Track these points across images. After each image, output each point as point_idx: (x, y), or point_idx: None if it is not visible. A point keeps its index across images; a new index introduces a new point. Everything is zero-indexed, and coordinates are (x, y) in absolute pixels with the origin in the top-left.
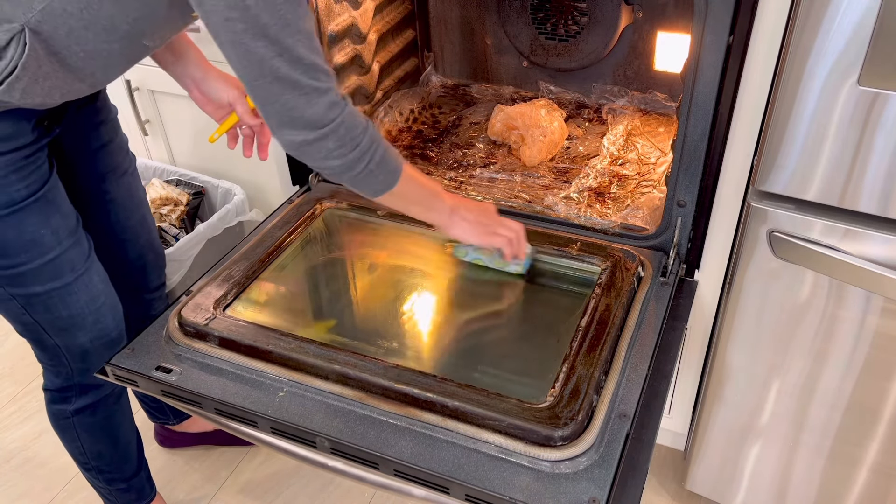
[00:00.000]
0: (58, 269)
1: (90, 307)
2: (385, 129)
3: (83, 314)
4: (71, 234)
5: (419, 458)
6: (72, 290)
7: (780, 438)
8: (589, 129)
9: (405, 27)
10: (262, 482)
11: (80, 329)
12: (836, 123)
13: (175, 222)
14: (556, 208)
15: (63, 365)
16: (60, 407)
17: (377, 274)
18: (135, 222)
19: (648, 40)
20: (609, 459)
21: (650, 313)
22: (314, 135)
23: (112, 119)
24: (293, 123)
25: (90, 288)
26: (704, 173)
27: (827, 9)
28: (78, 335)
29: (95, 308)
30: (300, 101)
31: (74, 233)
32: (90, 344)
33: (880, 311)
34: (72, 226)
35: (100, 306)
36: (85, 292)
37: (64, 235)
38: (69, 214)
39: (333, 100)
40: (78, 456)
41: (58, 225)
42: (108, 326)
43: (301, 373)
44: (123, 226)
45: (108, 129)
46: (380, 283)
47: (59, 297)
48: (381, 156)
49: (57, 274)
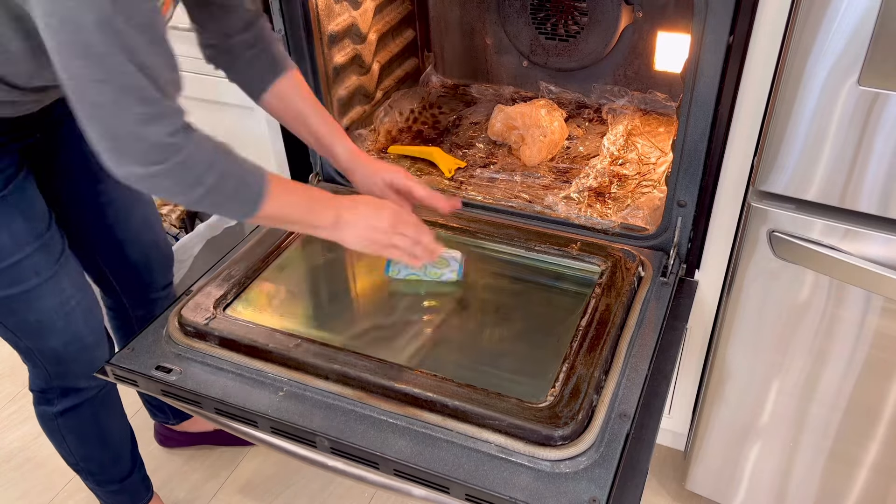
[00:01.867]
0: (18, 275)
1: (59, 311)
2: (385, 129)
3: (51, 318)
4: (36, 239)
5: (419, 458)
6: (38, 295)
7: (780, 438)
8: (589, 129)
9: (405, 27)
10: (262, 482)
11: (51, 333)
12: (836, 123)
13: (175, 222)
14: (556, 208)
15: (39, 367)
16: (45, 408)
17: (377, 273)
18: (136, 222)
19: (648, 40)
20: (609, 459)
21: (650, 313)
22: (145, 171)
23: None
24: (122, 155)
25: (58, 293)
26: (704, 173)
27: (827, 9)
28: (48, 339)
29: (65, 313)
30: (127, 135)
31: (40, 237)
32: (63, 348)
33: (880, 311)
34: (38, 230)
35: (69, 311)
36: (52, 297)
37: (27, 240)
38: (36, 218)
39: (169, 142)
40: (66, 457)
41: (19, 229)
42: (81, 331)
43: (301, 373)
44: (124, 226)
45: None
46: (380, 282)
47: (25, 302)
48: (232, 189)
49: (18, 279)
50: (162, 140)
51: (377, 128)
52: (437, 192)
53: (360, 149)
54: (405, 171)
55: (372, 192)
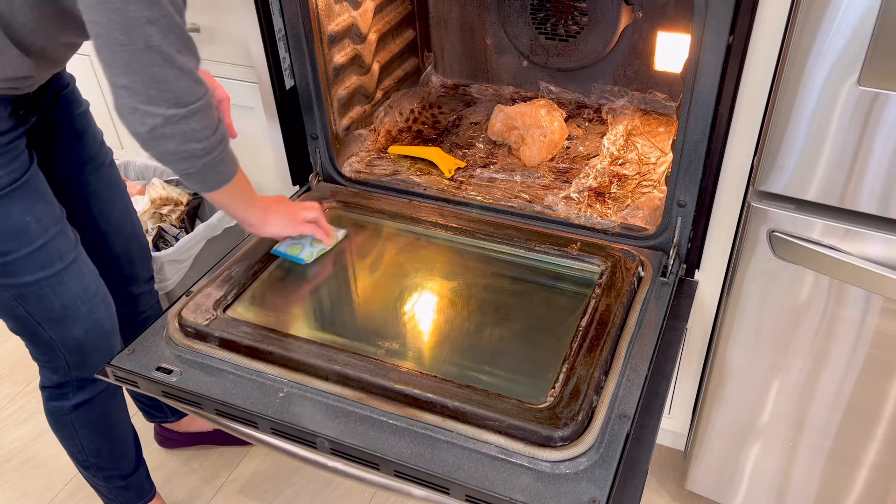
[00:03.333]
0: (46, 258)
1: (83, 297)
2: (385, 129)
3: (76, 304)
4: (56, 223)
5: (419, 459)
6: (62, 280)
7: (780, 438)
8: (589, 129)
9: (405, 27)
10: (262, 482)
11: (75, 320)
12: (836, 123)
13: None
14: (556, 208)
15: (59, 359)
16: (58, 404)
17: (377, 274)
18: (118, 214)
19: (648, 40)
20: (609, 460)
21: (650, 313)
22: (183, 111)
23: (84, 111)
24: (159, 99)
25: (80, 278)
26: (704, 173)
27: (827, 9)
28: (73, 327)
29: (88, 298)
30: (170, 73)
31: (59, 221)
32: (85, 336)
33: (880, 311)
34: (56, 214)
35: (92, 296)
36: (76, 282)
37: (49, 223)
38: (53, 203)
39: (198, 77)
40: (76, 454)
41: (42, 213)
42: (102, 317)
43: (301, 373)
44: (107, 218)
45: (81, 120)
46: (380, 283)
47: (51, 287)
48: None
49: (45, 263)
50: (196, 76)
51: (377, 128)
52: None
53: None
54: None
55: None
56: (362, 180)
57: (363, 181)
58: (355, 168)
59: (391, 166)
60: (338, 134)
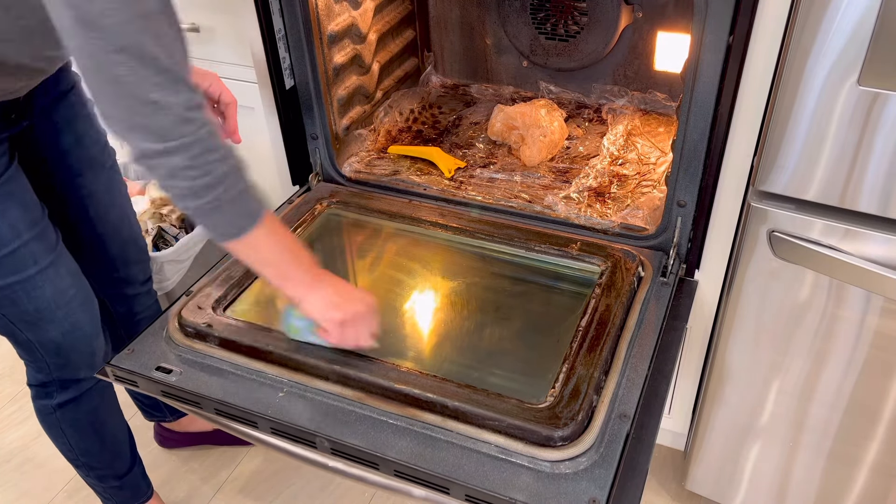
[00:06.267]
0: (18, 262)
1: (58, 300)
2: (385, 129)
3: (50, 308)
4: (32, 226)
5: (419, 459)
6: (36, 284)
7: (780, 438)
8: (589, 129)
9: (405, 27)
10: (262, 482)
11: (50, 322)
12: (836, 123)
13: (175, 222)
14: (556, 208)
15: (39, 360)
16: (44, 402)
17: (377, 274)
18: (114, 217)
19: (648, 40)
20: (609, 459)
21: (650, 313)
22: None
23: (87, 114)
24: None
25: (57, 281)
26: (704, 173)
27: (827, 9)
28: (48, 329)
29: (64, 302)
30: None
31: (36, 225)
32: (62, 338)
33: (880, 311)
34: (34, 218)
35: (69, 300)
36: (50, 285)
37: (24, 228)
38: (31, 207)
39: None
40: (66, 452)
41: (16, 217)
42: (81, 320)
43: (301, 373)
44: (103, 220)
45: (82, 124)
46: (380, 283)
47: (24, 291)
48: (237, 192)
49: (18, 267)
50: (180, 113)
51: (377, 128)
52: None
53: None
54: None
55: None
56: (362, 180)
57: (363, 181)
58: (355, 168)
59: (391, 166)
60: (338, 134)
